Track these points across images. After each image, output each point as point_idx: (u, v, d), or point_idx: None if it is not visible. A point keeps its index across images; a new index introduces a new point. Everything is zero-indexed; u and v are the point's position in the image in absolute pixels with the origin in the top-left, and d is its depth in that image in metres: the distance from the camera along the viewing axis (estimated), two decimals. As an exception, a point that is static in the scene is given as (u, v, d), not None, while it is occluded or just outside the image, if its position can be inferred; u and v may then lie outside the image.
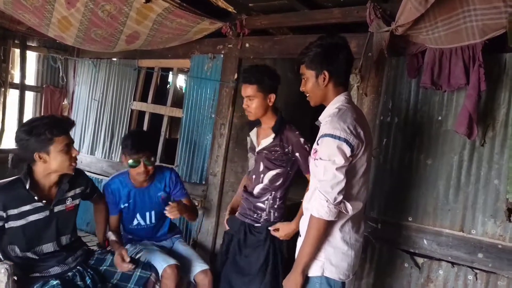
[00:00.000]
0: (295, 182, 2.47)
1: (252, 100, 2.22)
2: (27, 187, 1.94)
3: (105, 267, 2.25)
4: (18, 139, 1.94)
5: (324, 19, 2.71)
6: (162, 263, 2.35)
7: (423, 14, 1.98)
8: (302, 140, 2.23)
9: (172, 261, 2.37)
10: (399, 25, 2.14)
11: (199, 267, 2.54)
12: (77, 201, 2.22)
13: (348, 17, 2.59)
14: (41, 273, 2.05)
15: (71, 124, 2.05)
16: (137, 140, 2.42)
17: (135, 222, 2.61)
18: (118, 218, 2.60)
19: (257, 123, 2.38)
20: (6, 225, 1.94)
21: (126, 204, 2.56)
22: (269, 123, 2.30)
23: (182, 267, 2.59)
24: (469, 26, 1.98)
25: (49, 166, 1.97)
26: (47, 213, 2.03)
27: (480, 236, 2.22)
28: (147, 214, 2.60)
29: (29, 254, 2.02)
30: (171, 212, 2.36)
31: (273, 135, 2.25)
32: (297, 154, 2.24)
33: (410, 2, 1.92)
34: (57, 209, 2.08)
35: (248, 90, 2.22)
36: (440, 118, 2.35)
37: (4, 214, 1.91)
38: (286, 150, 2.24)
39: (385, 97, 2.53)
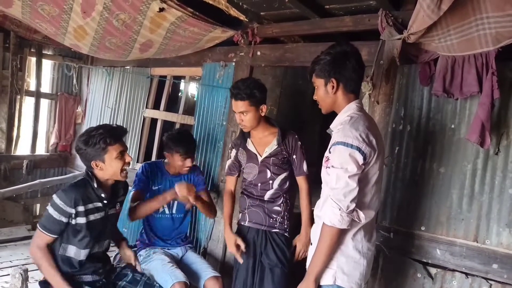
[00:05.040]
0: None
1: (246, 115, 2.30)
2: (95, 186, 2.06)
3: (124, 282, 2.28)
4: (77, 149, 2.09)
5: (335, 27, 2.72)
6: (171, 278, 2.36)
7: (436, 22, 1.98)
8: (299, 143, 2.39)
9: (182, 278, 2.37)
10: (411, 33, 2.14)
11: (210, 273, 2.55)
12: (121, 208, 2.31)
13: (359, 25, 2.59)
14: (73, 279, 2.08)
15: (124, 132, 2.17)
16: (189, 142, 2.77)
17: (161, 209, 2.76)
18: (141, 194, 2.69)
19: (247, 135, 2.43)
20: (73, 221, 2.02)
21: (157, 187, 2.75)
22: (264, 132, 2.41)
23: (192, 275, 2.61)
24: (482, 34, 1.97)
25: (105, 172, 2.09)
26: (103, 214, 2.12)
27: (494, 247, 2.18)
28: (171, 203, 2.77)
29: (82, 253, 2.08)
30: (179, 186, 2.47)
31: (276, 141, 2.37)
32: (294, 156, 2.38)
33: (422, 10, 1.92)
34: (110, 211, 2.18)
35: (240, 106, 2.29)
36: (453, 126, 2.33)
37: (74, 211, 2.00)
38: (289, 152, 2.38)
39: (397, 105, 2.52)
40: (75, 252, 2.06)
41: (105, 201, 2.10)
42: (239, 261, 2.41)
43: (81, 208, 2.01)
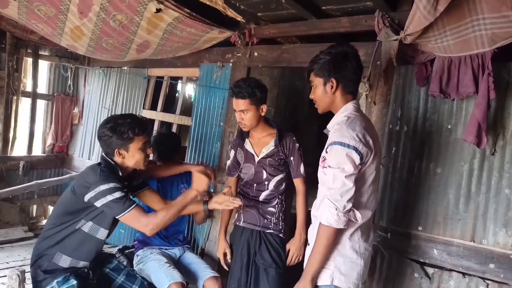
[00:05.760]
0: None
1: (246, 114, 2.30)
2: (120, 174, 2.05)
3: (108, 270, 2.28)
4: (102, 135, 2.05)
5: (332, 28, 2.72)
6: (167, 279, 2.35)
7: (432, 23, 1.98)
8: (297, 145, 2.38)
9: (179, 279, 2.37)
10: (408, 34, 2.15)
11: (209, 274, 2.55)
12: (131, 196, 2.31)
13: (356, 26, 2.60)
14: (73, 262, 2.07)
15: (149, 125, 2.17)
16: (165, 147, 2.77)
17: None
18: None
19: (245, 135, 2.42)
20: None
21: (155, 187, 2.71)
22: (263, 132, 2.41)
23: (190, 275, 2.61)
24: (478, 35, 1.98)
25: (126, 161, 2.08)
26: None
27: (491, 246, 2.19)
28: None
29: (107, 235, 2.10)
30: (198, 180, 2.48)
31: (273, 142, 2.36)
32: (291, 158, 2.37)
33: (419, 11, 1.93)
34: None
35: (241, 104, 2.28)
36: (449, 126, 2.35)
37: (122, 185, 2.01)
38: (286, 154, 2.37)
39: (394, 106, 2.53)
40: (102, 234, 2.07)
41: (125, 189, 2.08)
42: (224, 267, 2.52)
43: None
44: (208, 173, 2.09)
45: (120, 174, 2.06)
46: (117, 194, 1.92)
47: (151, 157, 2.20)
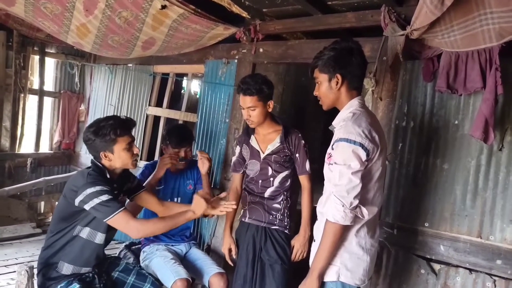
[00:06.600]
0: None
1: (254, 110, 2.29)
2: (107, 176, 2.06)
3: (117, 273, 2.28)
4: (86, 139, 2.06)
5: (338, 23, 2.71)
6: (173, 275, 2.36)
7: (439, 17, 1.97)
8: (303, 142, 2.38)
9: (184, 275, 2.37)
10: (415, 28, 2.13)
11: (215, 270, 2.56)
12: (125, 198, 2.30)
13: (362, 21, 2.58)
14: (75, 269, 2.08)
15: (133, 124, 2.18)
16: (181, 134, 2.78)
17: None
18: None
19: (251, 132, 2.42)
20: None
21: (161, 186, 2.74)
22: (269, 129, 2.41)
23: (196, 271, 2.62)
24: (486, 29, 1.96)
25: (113, 163, 2.07)
26: None
27: (498, 242, 2.18)
28: (175, 199, 2.79)
29: (105, 239, 2.11)
30: (202, 154, 2.58)
31: (279, 139, 2.36)
32: (297, 155, 2.38)
33: (425, 6, 1.91)
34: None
35: (248, 101, 2.28)
36: (456, 122, 2.33)
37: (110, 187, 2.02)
38: (292, 151, 2.37)
39: (400, 101, 2.52)
40: (98, 239, 2.07)
41: (115, 192, 2.08)
42: (229, 263, 2.53)
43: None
44: (207, 198, 2.12)
45: (108, 176, 2.05)
46: (104, 197, 1.92)
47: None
